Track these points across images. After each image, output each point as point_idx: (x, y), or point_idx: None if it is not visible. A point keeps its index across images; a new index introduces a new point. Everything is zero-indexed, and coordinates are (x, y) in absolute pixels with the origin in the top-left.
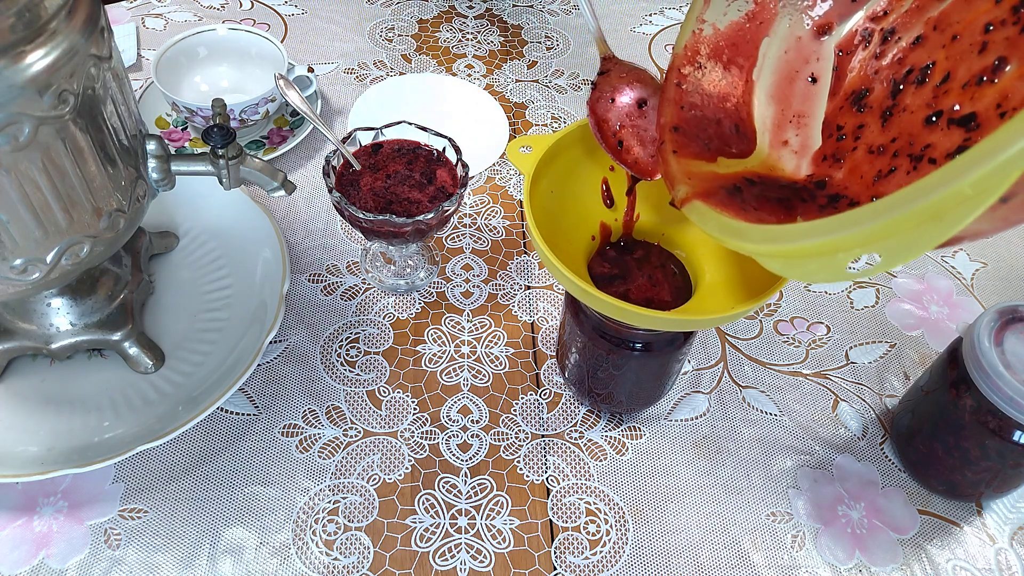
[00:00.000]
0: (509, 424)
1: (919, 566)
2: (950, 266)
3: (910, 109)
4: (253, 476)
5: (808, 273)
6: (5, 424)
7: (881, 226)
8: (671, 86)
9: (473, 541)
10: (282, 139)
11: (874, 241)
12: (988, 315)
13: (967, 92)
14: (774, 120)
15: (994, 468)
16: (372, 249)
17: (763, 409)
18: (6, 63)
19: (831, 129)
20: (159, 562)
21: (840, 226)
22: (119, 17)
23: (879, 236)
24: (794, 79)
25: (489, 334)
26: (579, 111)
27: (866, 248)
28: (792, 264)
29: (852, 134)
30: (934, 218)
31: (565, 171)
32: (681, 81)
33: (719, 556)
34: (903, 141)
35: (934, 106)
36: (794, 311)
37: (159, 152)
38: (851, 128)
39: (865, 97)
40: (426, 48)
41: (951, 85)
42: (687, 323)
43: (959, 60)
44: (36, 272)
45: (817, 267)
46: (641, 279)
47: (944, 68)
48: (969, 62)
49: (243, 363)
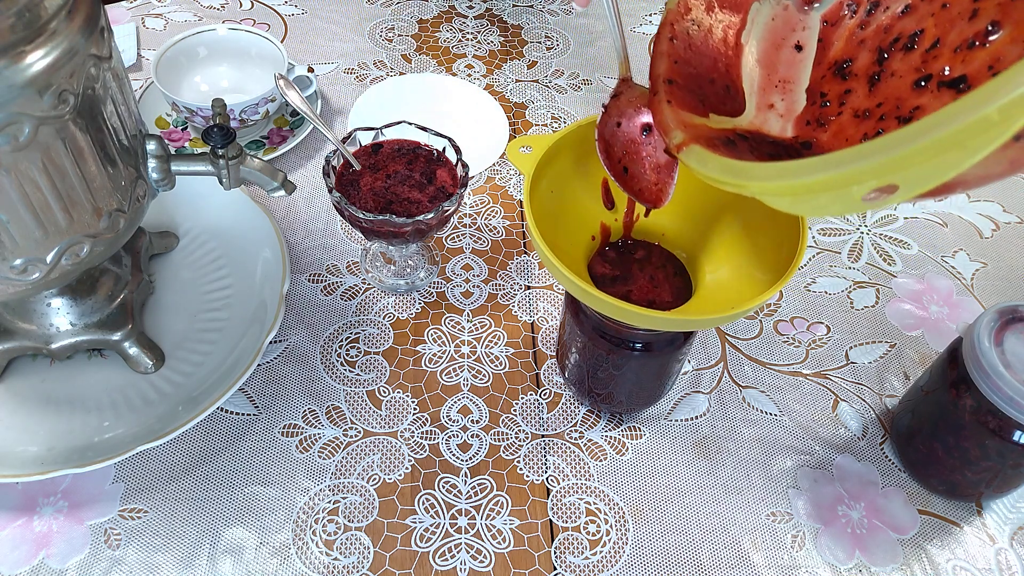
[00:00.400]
0: (509, 424)
1: (919, 566)
2: (950, 266)
3: (898, 74)
4: (253, 476)
5: (818, 207)
6: (5, 424)
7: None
8: (664, 39)
9: (473, 541)
10: (282, 139)
11: (892, 172)
12: (988, 315)
13: (958, 56)
14: (760, 84)
15: (994, 468)
16: (372, 249)
17: (763, 409)
18: (6, 63)
19: (815, 96)
20: (159, 562)
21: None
22: (119, 17)
23: (897, 167)
24: (780, 46)
25: (489, 334)
26: (579, 111)
27: (882, 179)
28: (801, 200)
29: (837, 99)
30: (957, 145)
31: (565, 171)
32: (674, 36)
33: (719, 556)
34: (890, 105)
35: (923, 70)
36: (794, 311)
37: (159, 152)
38: (836, 94)
39: (849, 66)
40: (426, 48)
41: (941, 50)
42: (687, 323)
43: (949, 26)
44: (36, 272)
45: (828, 200)
46: (643, 280)
47: (933, 35)
48: (960, 28)
49: (243, 363)
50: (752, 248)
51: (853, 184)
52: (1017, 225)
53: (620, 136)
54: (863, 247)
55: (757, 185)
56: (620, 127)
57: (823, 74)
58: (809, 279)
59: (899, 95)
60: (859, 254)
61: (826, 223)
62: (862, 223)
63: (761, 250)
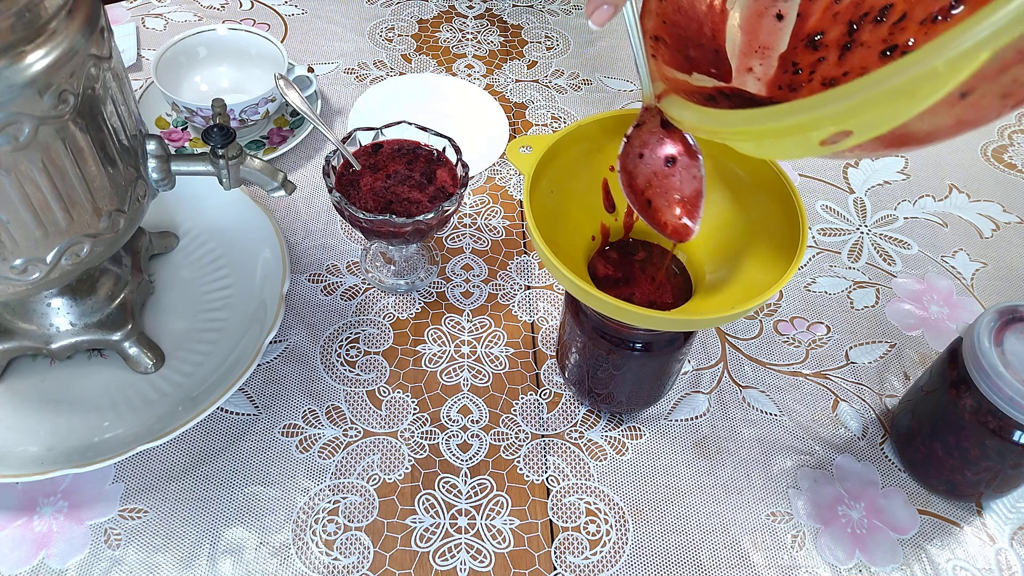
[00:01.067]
0: (509, 424)
1: (919, 566)
2: (950, 266)
3: (867, 44)
4: (253, 476)
5: (782, 150)
6: (5, 424)
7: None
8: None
9: (473, 541)
10: (282, 139)
11: (848, 118)
12: (988, 315)
13: (923, 28)
14: (741, 48)
15: (994, 468)
16: (372, 249)
17: (763, 409)
18: (6, 63)
19: (787, 65)
20: (159, 562)
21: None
22: (119, 17)
23: (853, 113)
24: (763, 14)
25: (489, 334)
26: (579, 111)
27: (840, 125)
28: (765, 144)
29: (808, 68)
30: (906, 94)
31: (565, 171)
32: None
33: (719, 556)
34: (855, 73)
35: (889, 41)
36: (794, 311)
37: (159, 152)
38: (808, 63)
39: (821, 38)
40: (426, 48)
41: (907, 23)
42: (687, 323)
43: (916, 2)
44: (36, 272)
45: (790, 144)
46: (644, 281)
47: (901, 9)
48: (926, 3)
49: (243, 363)
50: (752, 248)
51: (812, 130)
52: (1017, 225)
53: (643, 168)
54: (863, 247)
55: (727, 130)
56: (642, 158)
57: (796, 45)
58: (809, 279)
59: (865, 64)
60: (859, 254)
61: (826, 223)
62: (862, 223)
63: (761, 250)
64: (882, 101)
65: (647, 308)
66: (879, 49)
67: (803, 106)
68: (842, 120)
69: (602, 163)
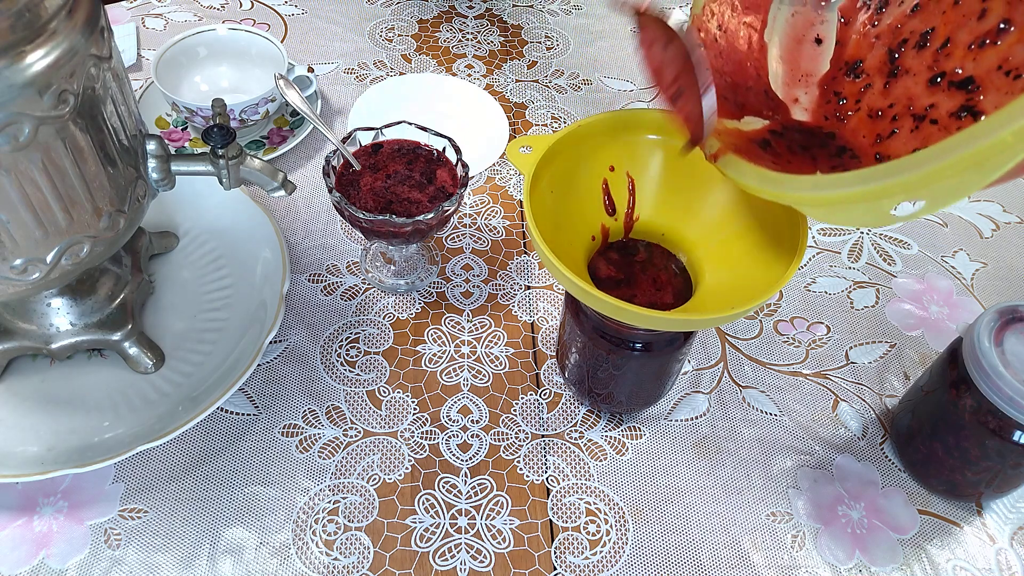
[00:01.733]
0: (509, 424)
1: (919, 566)
2: (950, 266)
3: (912, 71)
4: (253, 476)
5: (852, 218)
6: (5, 424)
7: (924, 174)
8: None
9: (473, 541)
10: (282, 139)
11: (918, 188)
12: (988, 315)
13: (971, 54)
14: (784, 80)
15: (994, 468)
16: (372, 249)
17: (763, 409)
18: (6, 63)
19: (829, 95)
20: (159, 562)
21: (885, 174)
22: (119, 17)
23: (922, 183)
24: (801, 41)
25: (489, 334)
26: (579, 111)
27: (910, 195)
28: (835, 210)
29: (853, 96)
30: (975, 166)
31: (565, 171)
32: (702, 43)
33: (719, 556)
34: (902, 105)
35: (936, 68)
36: (794, 311)
37: (159, 152)
38: (852, 92)
39: (860, 65)
40: (426, 48)
41: (952, 48)
42: (687, 323)
43: (959, 25)
44: (36, 272)
45: (861, 212)
46: (646, 283)
47: (944, 33)
48: (970, 27)
49: (243, 363)
50: (752, 248)
51: (883, 198)
52: (1017, 225)
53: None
54: (863, 247)
55: (792, 195)
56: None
57: (836, 74)
58: (809, 279)
59: (912, 93)
60: (859, 254)
61: (826, 223)
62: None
63: (761, 250)
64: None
65: (647, 308)
66: (926, 77)
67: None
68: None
69: (602, 163)
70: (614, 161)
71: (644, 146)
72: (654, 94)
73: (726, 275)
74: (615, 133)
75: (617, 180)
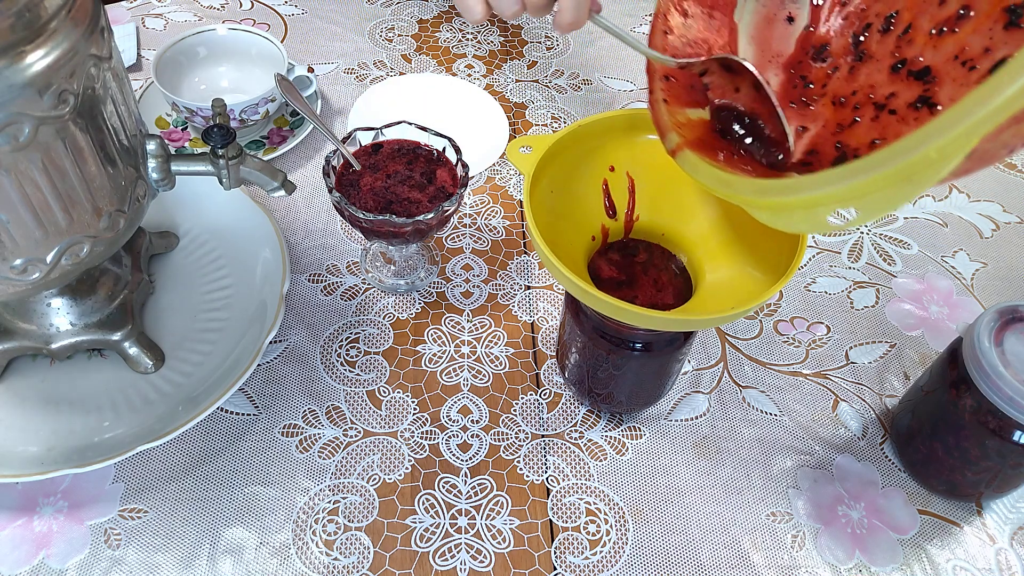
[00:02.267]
0: (509, 424)
1: (919, 566)
2: (950, 266)
3: (876, 57)
4: (253, 476)
5: (793, 223)
6: (5, 424)
7: (855, 186)
8: (659, 33)
9: (473, 541)
10: (282, 139)
11: (851, 199)
12: (988, 315)
13: (931, 40)
14: (755, 61)
15: (994, 468)
16: (372, 249)
17: (763, 409)
18: (6, 63)
19: (795, 79)
20: (159, 562)
21: (820, 183)
22: (119, 17)
23: (855, 195)
24: (772, 20)
25: (489, 334)
26: (579, 111)
27: (844, 204)
28: (778, 215)
29: (819, 82)
30: (904, 180)
31: (565, 171)
32: (668, 29)
33: (719, 556)
34: (864, 93)
35: (897, 55)
36: (794, 311)
37: (159, 152)
38: (818, 77)
39: (826, 49)
40: (426, 48)
41: (914, 34)
42: (687, 323)
43: (921, 11)
44: (36, 272)
45: (801, 218)
46: (647, 284)
47: (907, 19)
48: (931, 13)
49: (243, 363)
50: (752, 248)
51: (819, 207)
52: (1017, 225)
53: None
54: (863, 247)
55: (740, 198)
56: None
57: (802, 58)
58: (809, 279)
59: (873, 82)
60: (859, 254)
61: None
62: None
63: (761, 250)
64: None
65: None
66: (888, 64)
67: (810, 182)
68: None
69: (602, 163)
70: (614, 161)
71: (644, 146)
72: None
73: (726, 275)
74: (615, 133)
75: (617, 180)
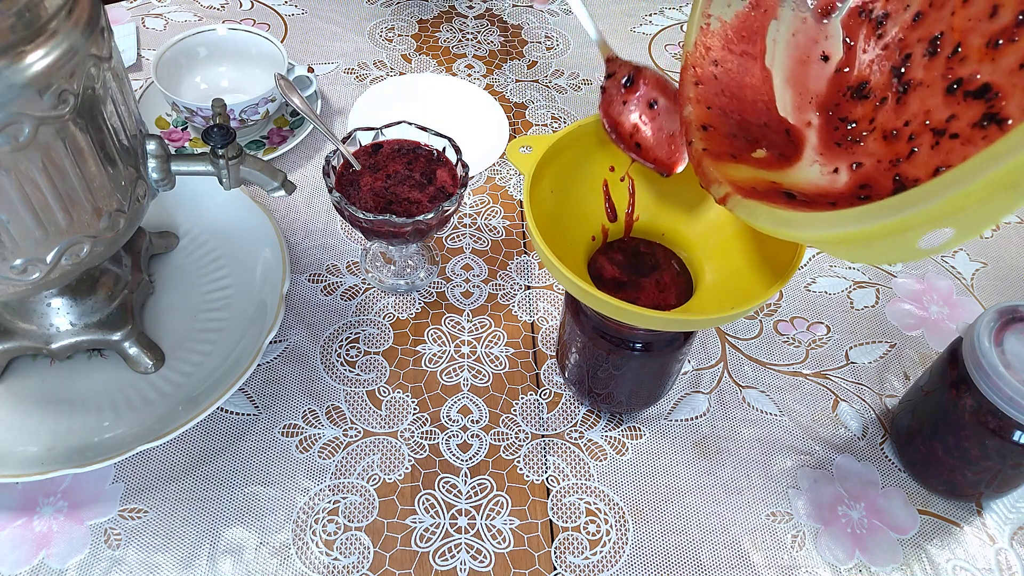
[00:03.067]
0: (509, 424)
1: (919, 566)
2: (950, 266)
3: (926, 83)
4: (253, 476)
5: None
6: (5, 424)
7: (948, 201)
8: (688, 84)
9: (473, 541)
10: (282, 139)
11: (944, 216)
12: (988, 315)
13: (988, 54)
14: (794, 104)
15: (994, 468)
16: (372, 249)
17: (763, 409)
18: (6, 63)
19: (835, 122)
20: (159, 562)
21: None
22: (119, 17)
23: (950, 210)
24: (806, 61)
25: (489, 334)
26: (579, 111)
27: (935, 224)
28: (858, 247)
29: (865, 118)
30: (1007, 186)
31: (565, 171)
32: (699, 80)
33: (719, 556)
34: (919, 121)
35: (950, 76)
36: (794, 311)
37: (159, 152)
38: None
39: (866, 87)
40: (426, 48)
41: (966, 52)
42: (687, 323)
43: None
44: (36, 272)
45: (888, 247)
46: (649, 285)
47: (954, 39)
48: (980, 27)
49: (243, 363)
50: (752, 248)
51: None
52: (1017, 225)
53: (626, 114)
54: None
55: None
56: (626, 105)
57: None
58: (809, 279)
59: (929, 106)
60: None
61: None
62: None
63: (761, 250)
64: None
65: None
66: (942, 87)
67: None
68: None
69: (602, 163)
70: (614, 161)
71: None
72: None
73: (726, 275)
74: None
75: (617, 180)
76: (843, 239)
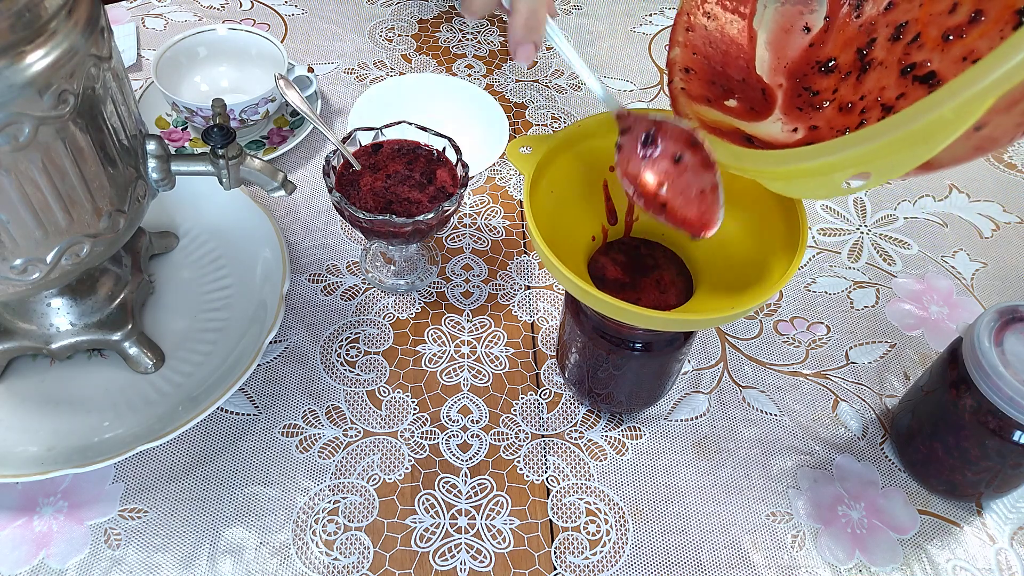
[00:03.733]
0: (509, 424)
1: (919, 566)
2: (950, 266)
3: (885, 64)
4: (253, 476)
5: (807, 190)
6: (5, 424)
7: (875, 147)
8: (680, 29)
9: (473, 541)
10: (282, 139)
11: (867, 161)
12: (988, 315)
13: (938, 47)
14: (770, 65)
15: (994, 468)
16: (372, 249)
17: (763, 409)
18: (6, 63)
19: (799, 89)
20: (159, 562)
21: (839, 148)
22: (119, 17)
23: (872, 157)
24: (790, 30)
25: (489, 334)
26: (579, 111)
27: (859, 167)
28: (792, 184)
29: (829, 89)
30: (920, 140)
31: (565, 171)
32: (690, 27)
33: (719, 556)
34: (872, 97)
35: (905, 60)
36: (794, 311)
37: (159, 152)
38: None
39: (833, 63)
40: (426, 48)
41: (924, 41)
42: (687, 323)
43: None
44: (36, 272)
45: (816, 185)
46: (650, 285)
47: (915, 29)
48: (939, 22)
49: (243, 363)
50: (752, 248)
51: (835, 172)
52: (1017, 225)
53: (649, 171)
54: (863, 247)
55: (757, 168)
56: (646, 159)
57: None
58: (809, 279)
59: (883, 83)
60: (859, 254)
61: (826, 223)
62: (862, 223)
63: (761, 250)
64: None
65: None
66: (897, 69)
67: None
68: (861, 164)
69: (602, 163)
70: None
71: None
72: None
73: (726, 275)
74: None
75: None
76: (783, 175)
